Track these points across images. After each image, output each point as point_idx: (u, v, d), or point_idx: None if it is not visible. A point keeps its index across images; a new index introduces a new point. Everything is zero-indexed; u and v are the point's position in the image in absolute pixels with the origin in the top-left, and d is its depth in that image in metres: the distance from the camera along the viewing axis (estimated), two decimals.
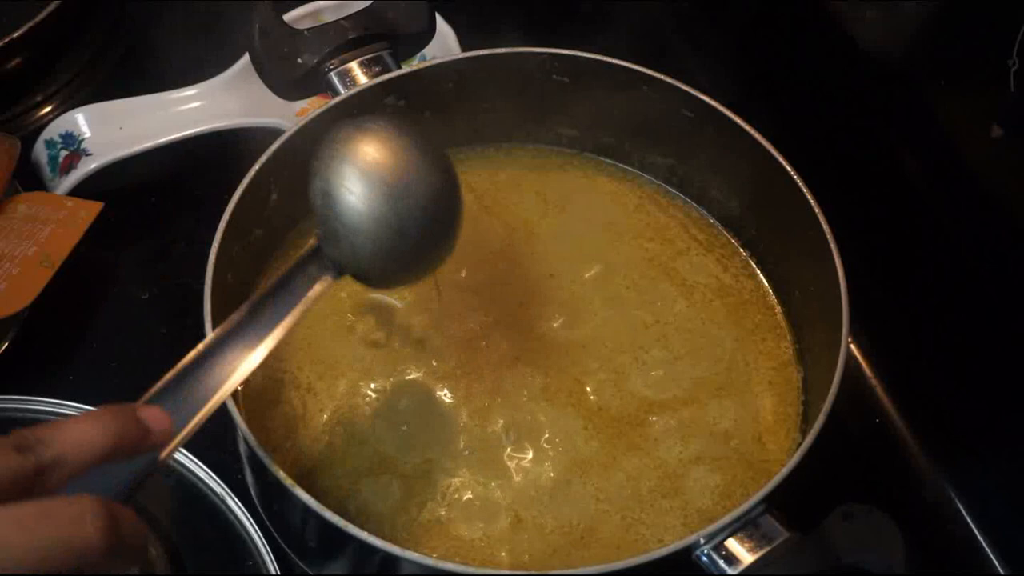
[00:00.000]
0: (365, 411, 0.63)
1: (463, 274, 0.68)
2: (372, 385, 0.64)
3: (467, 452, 0.62)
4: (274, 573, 0.63)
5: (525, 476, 0.61)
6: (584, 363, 0.65)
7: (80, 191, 0.77)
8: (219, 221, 0.61)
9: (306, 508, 0.53)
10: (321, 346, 0.65)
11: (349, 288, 0.67)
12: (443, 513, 0.60)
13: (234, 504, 0.64)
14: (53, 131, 0.79)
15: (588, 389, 0.64)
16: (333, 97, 0.66)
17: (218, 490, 0.65)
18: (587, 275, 0.69)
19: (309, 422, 0.63)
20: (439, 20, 0.78)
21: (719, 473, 0.62)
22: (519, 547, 0.59)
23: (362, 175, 0.52)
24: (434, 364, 0.65)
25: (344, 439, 0.62)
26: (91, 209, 0.74)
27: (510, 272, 0.68)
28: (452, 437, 0.62)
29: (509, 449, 0.62)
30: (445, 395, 0.64)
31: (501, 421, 0.63)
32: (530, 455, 0.62)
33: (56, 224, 0.74)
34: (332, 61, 0.67)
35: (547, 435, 0.62)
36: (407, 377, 0.64)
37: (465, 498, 0.60)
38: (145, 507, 0.64)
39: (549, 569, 0.56)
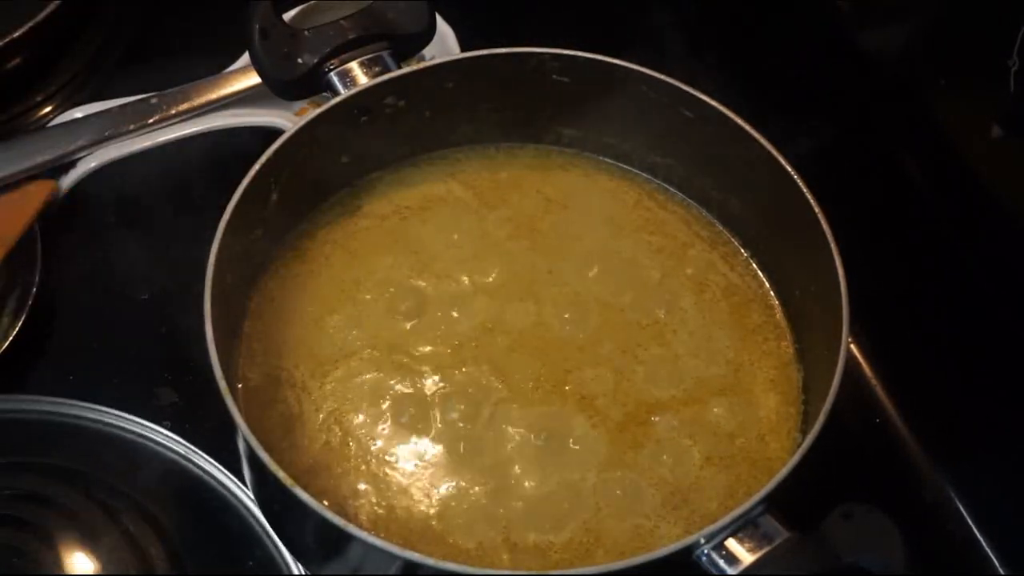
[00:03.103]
0: (360, 410, 0.63)
1: (464, 270, 0.68)
2: (367, 383, 0.64)
3: (464, 453, 0.61)
4: (285, 562, 0.63)
5: (525, 478, 0.61)
6: (584, 361, 0.65)
7: (80, 190, 0.77)
8: (219, 221, 0.61)
9: (306, 508, 0.53)
10: (315, 343, 0.65)
11: (344, 286, 0.67)
12: (435, 522, 0.59)
13: (240, 492, 0.64)
14: None
15: (588, 388, 0.64)
16: (333, 97, 0.66)
17: (225, 481, 0.65)
18: (589, 272, 0.68)
19: (306, 421, 0.63)
20: (439, 20, 0.78)
21: (724, 473, 0.62)
22: (518, 558, 0.59)
23: None
24: (430, 362, 0.64)
25: (340, 438, 0.62)
26: (43, 188, 0.75)
27: (510, 268, 0.68)
28: (449, 437, 0.62)
29: (508, 450, 0.62)
30: (442, 394, 0.63)
31: (499, 420, 0.62)
32: (530, 455, 0.62)
33: (7, 205, 0.74)
34: (332, 61, 0.67)
35: (547, 434, 0.62)
36: (402, 375, 0.64)
37: (462, 502, 0.60)
38: (146, 507, 0.64)
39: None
